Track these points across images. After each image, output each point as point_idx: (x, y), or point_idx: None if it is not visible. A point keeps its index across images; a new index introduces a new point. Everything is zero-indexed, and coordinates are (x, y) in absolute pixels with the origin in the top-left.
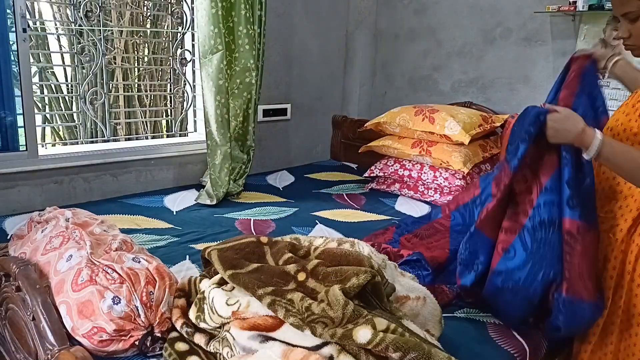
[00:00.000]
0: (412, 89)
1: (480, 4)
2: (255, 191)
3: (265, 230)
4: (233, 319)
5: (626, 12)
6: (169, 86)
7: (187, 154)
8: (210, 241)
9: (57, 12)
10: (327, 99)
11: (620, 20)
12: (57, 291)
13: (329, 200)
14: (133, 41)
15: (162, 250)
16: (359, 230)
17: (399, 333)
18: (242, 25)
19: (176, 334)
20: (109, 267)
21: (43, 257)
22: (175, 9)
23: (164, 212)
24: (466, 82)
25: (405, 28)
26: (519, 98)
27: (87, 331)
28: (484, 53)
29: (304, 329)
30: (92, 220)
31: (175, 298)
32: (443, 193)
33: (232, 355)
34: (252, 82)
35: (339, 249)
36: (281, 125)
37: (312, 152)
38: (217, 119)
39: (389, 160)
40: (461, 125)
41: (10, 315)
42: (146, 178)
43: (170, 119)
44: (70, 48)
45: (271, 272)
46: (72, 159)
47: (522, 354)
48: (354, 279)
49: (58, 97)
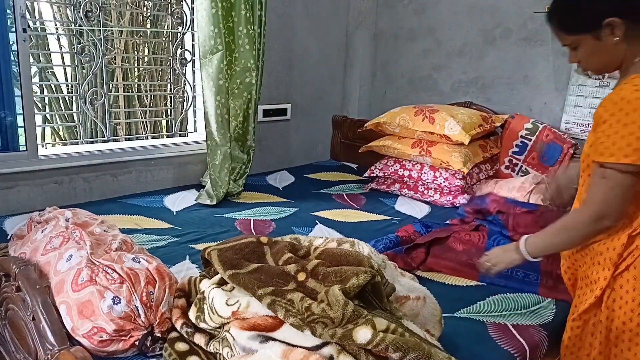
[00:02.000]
0: (412, 89)
1: (480, 4)
2: (255, 191)
3: (265, 230)
4: (233, 319)
5: (565, 45)
6: (169, 86)
7: (187, 154)
8: (210, 241)
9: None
10: (327, 99)
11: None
12: (57, 291)
13: (329, 200)
14: (133, 41)
15: (162, 251)
16: (359, 230)
17: (399, 333)
18: (242, 26)
19: (176, 334)
20: (109, 267)
21: (43, 257)
22: (175, 9)
23: (164, 212)
24: (466, 82)
25: (405, 28)
26: (519, 98)
27: (87, 331)
28: (484, 53)
29: (304, 329)
30: (92, 221)
31: (175, 298)
32: (443, 193)
33: (232, 355)
34: (252, 82)
35: (338, 249)
36: (281, 125)
37: (312, 152)
38: (217, 119)
39: (389, 160)
40: (461, 125)
41: (11, 315)
42: (146, 178)
43: (170, 119)
44: (70, 48)
45: (271, 272)
46: (72, 159)
47: (522, 354)
48: (354, 279)
49: (58, 97)
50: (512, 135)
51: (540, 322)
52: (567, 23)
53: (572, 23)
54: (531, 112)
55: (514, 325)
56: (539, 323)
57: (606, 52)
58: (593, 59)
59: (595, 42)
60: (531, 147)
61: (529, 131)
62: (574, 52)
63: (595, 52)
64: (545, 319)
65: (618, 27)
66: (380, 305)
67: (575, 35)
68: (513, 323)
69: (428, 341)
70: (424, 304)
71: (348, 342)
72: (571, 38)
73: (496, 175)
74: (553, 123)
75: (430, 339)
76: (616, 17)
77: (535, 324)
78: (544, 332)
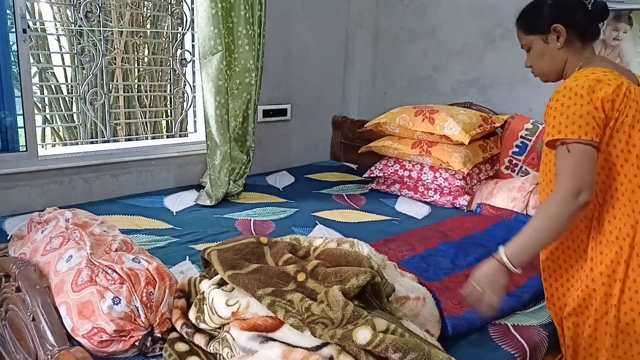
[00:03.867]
0: (412, 89)
1: (480, 4)
2: (255, 192)
3: (265, 230)
4: (233, 320)
5: (522, 45)
6: (169, 87)
7: (187, 155)
8: (210, 242)
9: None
10: (327, 100)
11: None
12: (57, 292)
13: (329, 200)
14: (133, 42)
15: (162, 251)
16: (359, 231)
17: (398, 333)
18: (241, 26)
19: (176, 334)
20: (109, 267)
21: (43, 258)
22: (175, 9)
23: (163, 212)
24: (466, 83)
25: (405, 28)
26: (518, 98)
27: (87, 332)
28: (483, 53)
29: (303, 330)
30: (92, 221)
31: (175, 298)
32: (443, 193)
33: (232, 355)
34: (252, 82)
35: (338, 250)
36: (281, 125)
37: (312, 152)
38: (217, 120)
39: (389, 160)
40: (461, 125)
41: (10, 315)
42: (146, 178)
43: (170, 119)
44: (70, 49)
45: (271, 273)
46: (72, 159)
47: (522, 354)
48: (354, 280)
49: (58, 98)
50: (512, 136)
51: (541, 322)
52: (527, 24)
53: (529, 24)
54: (531, 112)
55: (514, 326)
56: (539, 323)
57: (550, 56)
58: (540, 62)
59: (543, 45)
60: (531, 148)
61: (529, 131)
62: (528, 55)
63: (543, 54)
64: (546, 319)
65: (562, 34)
66: (380, 305)
67: (529, 35)
68: (513, 323)
69: (428, 341)
70: (423, 304)
71: (348, 342)
72: (526, 38)
73: (496, 175)
74: None
75: (430, 339)
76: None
77: (536, 324)
78: (544, 332)
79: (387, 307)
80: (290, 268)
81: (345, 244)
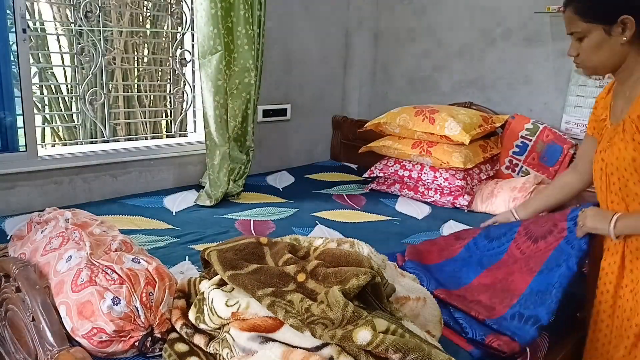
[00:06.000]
0: (412, 90)
1: (480, 4)
2: (255, 192)
3: (265, 230)
4: (233, 320)
5: (573, 32)
6: (168, 87)
7: (187, 155)
8: (210, 242)
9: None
10: (327, 100)
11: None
12: (57, 292)
13: (329, 200)
14: (133, 41)
15: (162, 251)
16: (359, 231)
17: (399, 334)
18: (241, 26)
19: (176, 334)
20: (109, 267)
21: (43, 258)
22: (174, 9)
23: (163, 212)
24: (466, 83)
25: (405, 28)
26: (519, 98)
27: (86, 332)
28: (484, 53)
29: (303, 330)
30: (92, 221)
31: (175, 299)
32: (443, 193)
33: (231, 356)
34: (251, 82)
35: (338, 250)
36: (281, 125)
37: (312, 152)
38: (216, 120)
39: (389, 160)
40: (461, 125)
41: (10, 316)
42: (146, 178)
43: (170, 119)
44: (70, 48)
45: (271, 273)
46: (71, 159)
47: (522, 354)
48: (354, 280)
49: (58, 98)
50: (512, 136)
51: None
52: (586, 9)
53: (590, 10)
54: (531, 112)
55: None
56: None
57: (610, 50)
58: (594, 55)
59: (603, 36)
60: (531, 148)
61: (529, 131)
62: (578, 43)
63: (599, 47)
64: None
65: (630, 27)
66: (380, 306)
67: (589, 23)
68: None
69: (428, 342)
70: (424, 304)
71: (348, 343)
72: (583, 25)
73: (496, 175)
74: (553, 123)
75: (430, 339)
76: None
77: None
78: (544, 332)
79: (388, 308)
80: (290, 268)
81: (345, 244)
